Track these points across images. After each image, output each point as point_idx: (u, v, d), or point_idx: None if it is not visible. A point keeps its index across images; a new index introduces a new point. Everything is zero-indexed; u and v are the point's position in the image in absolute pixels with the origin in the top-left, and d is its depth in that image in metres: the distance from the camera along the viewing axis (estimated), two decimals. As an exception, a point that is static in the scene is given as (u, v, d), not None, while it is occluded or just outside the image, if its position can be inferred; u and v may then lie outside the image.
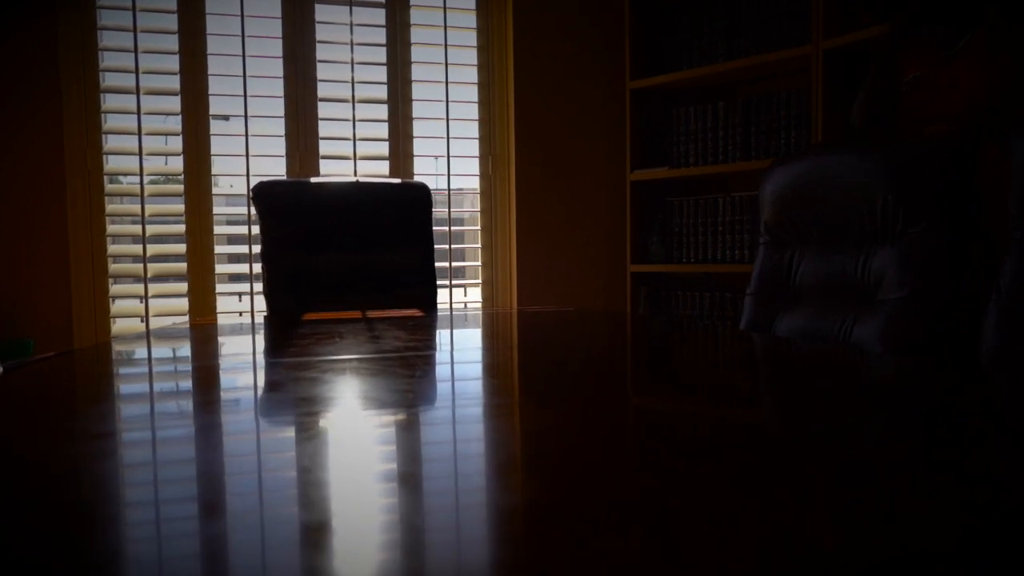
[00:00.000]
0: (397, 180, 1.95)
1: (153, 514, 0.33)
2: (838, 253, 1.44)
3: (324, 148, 2.55)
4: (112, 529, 0.31)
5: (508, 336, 1.10)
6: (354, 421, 0.52)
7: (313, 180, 1.90)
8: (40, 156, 2.30)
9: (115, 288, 2.40)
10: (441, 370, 0.75)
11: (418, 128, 2.64)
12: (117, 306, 2.42)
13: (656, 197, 2.77)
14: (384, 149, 2.60)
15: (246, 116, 2.42)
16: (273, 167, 2.54)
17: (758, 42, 2.42)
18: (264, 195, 1.85)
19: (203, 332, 1.23)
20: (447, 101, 2.62)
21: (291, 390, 0.64)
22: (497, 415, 0.54)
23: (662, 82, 2.57)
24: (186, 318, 2.46)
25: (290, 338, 1.10)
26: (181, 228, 2.44)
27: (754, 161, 2.37)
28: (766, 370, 0.76)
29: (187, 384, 0.71)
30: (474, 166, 2.72)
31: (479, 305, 2.75)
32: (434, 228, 1.95)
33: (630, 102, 2.65)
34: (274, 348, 0.99)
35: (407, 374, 0.71)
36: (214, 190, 2.46)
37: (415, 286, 1.90)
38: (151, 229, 2.39)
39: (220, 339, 1.12)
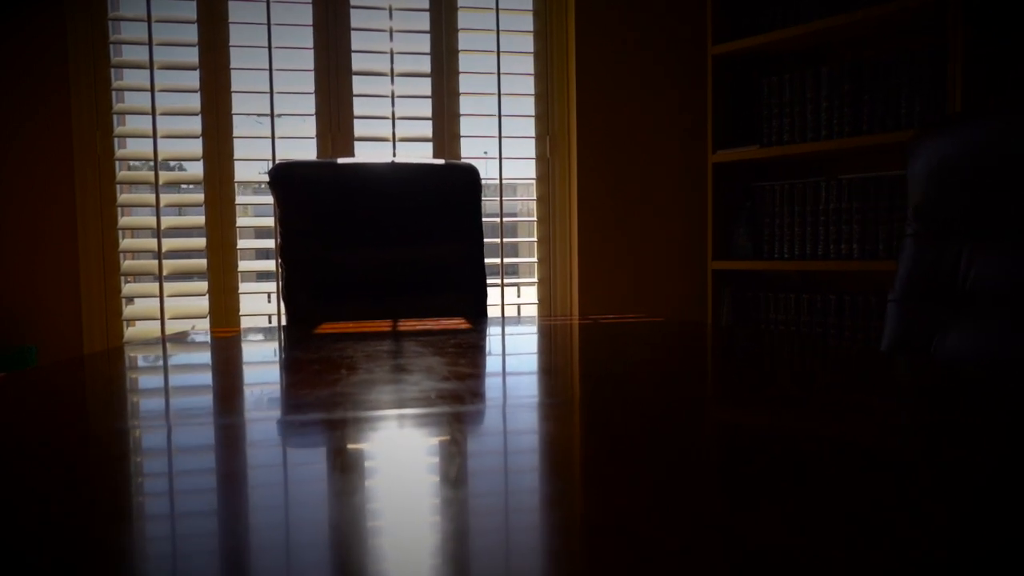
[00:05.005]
0: (440, 161, 1.63)
1: None
2: (1038, 247, 1.05)
3: (359, 128, 2.24)
4: None
5: (587, 368, 0.75)
6: None
7: (340, 161, 1.59)
8: (45, 140, 2.05)
9: (128, 287, 2.15)
10: (489, 459, 0.41)
11: (466, 105, 2.31)
12: (130, 308, 2.17)
13: (743, 182, 2.37)
14: (427, 129, 2.28)
15: (271, 92, 2.13)
16: (302, 150, 2.25)
17: (874, -8, 2.01)
18: (283, 179, 1.55)
19: (192, 349, 0.92)
20: (499, 73, 2.28)
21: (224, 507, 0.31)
22: None
23: (751, 45, 2.18)
24: (206, 320, 2.19)
25: (285, 367, 0.78)
26: (201, 219, 2.17)
27: (867, 136, 1.97)
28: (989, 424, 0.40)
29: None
30: (529, 147, 2.37)
31: (535, 308, 2.41)
32: (484, 218, 1.62)
33: (712, 70, 2.26)
34: (255, 388, 0.67)
35: (438, 456, 0.38)
36: (237, 176, 2.18)
37: (461, 288, 1.57)
38: (166, 221, 2.12)
39: (192, 359, 0.81)
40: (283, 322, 2.12)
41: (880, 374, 0.69)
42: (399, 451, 0.42)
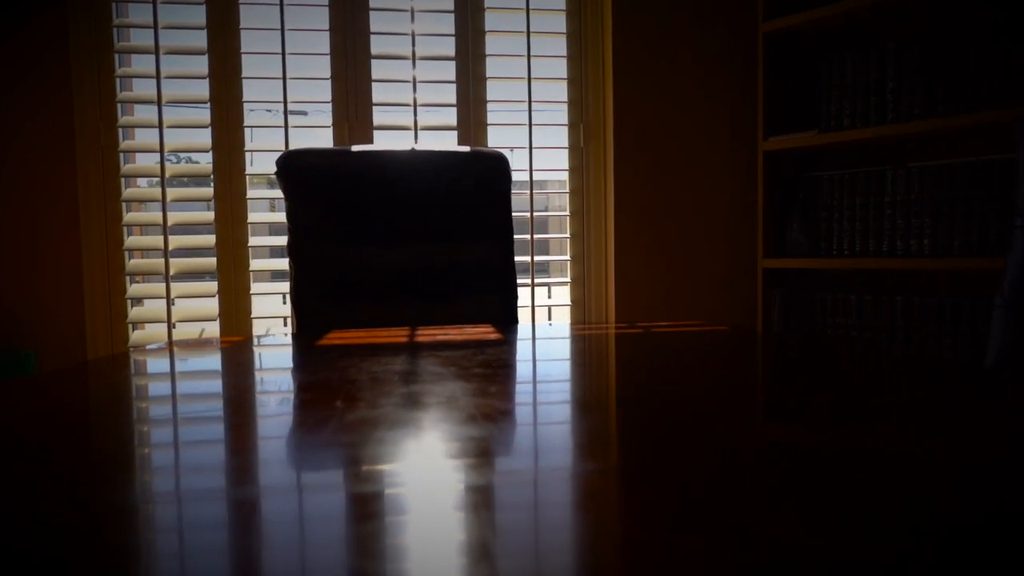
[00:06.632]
0: (465, 148, 1.46)
1: None
2: None
3: (378, 116, 2.09)
4: None
5: (654, 399, 0.58)
6: None
7: (355, 148, 1.43)
8: (45, 131, 1.92)
9: (133, 288, 2.01)
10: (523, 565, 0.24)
11: (493, 90, 2.14)
12: (136, 309, 2.04)
13: (798, 171, 2.17)
14: (452, 117, 2.11)
15: (284, 78, 1.98)
16: (318, 139, 2.10)
17: (949, -43, 1.79)
18: (291, 169, 1.39)
19: (189, 363, 0.76)
20: (528, 56, 2.11)
21: None
22: None
23: (806, 20, 1.97)
24: (216, 324, 2.05)
25: (271, 395, 0.62)
26: (210, 215, 2.02)
27: (941, 119, 1.75)
28: None
29: None
30: (562, 136, 2.19)
31: (568, 310, 2.23)
32: (513, 213, 1.45)
33: (763, 49, 2.06)
34: (226, 427, 0.50)
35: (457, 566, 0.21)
36: (248, 169, 2.04)
37: (488, 290, 1.40)
38: (173, 217, 1.98)
39: (175, 373, 0.65)
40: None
41: (954, 387, 0.50)
42: (398, 555, 0.25)
